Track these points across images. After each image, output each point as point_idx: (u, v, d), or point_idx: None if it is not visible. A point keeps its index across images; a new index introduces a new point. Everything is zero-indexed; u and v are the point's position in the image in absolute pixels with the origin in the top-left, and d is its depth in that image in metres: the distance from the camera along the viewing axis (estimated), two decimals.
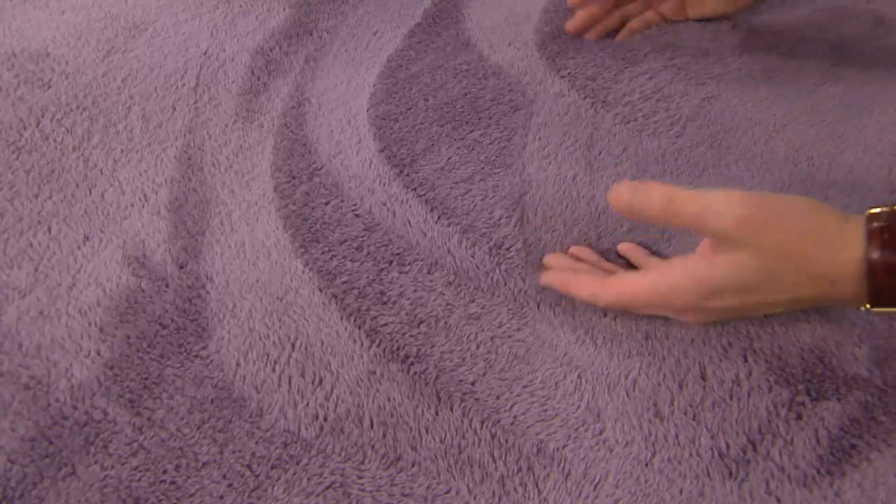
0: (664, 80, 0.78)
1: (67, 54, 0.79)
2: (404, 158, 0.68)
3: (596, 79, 0.80)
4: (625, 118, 0.74)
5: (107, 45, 0.81)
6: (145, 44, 0.81)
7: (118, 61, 0.78)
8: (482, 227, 0.62)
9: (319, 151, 0.69)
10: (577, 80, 0.78)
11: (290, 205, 0.64)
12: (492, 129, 0.72)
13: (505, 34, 0.84)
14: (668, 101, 0.76)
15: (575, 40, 0.83)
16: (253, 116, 0.74)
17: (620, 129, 0.72)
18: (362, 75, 0.79)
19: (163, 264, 0.59)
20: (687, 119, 0.74)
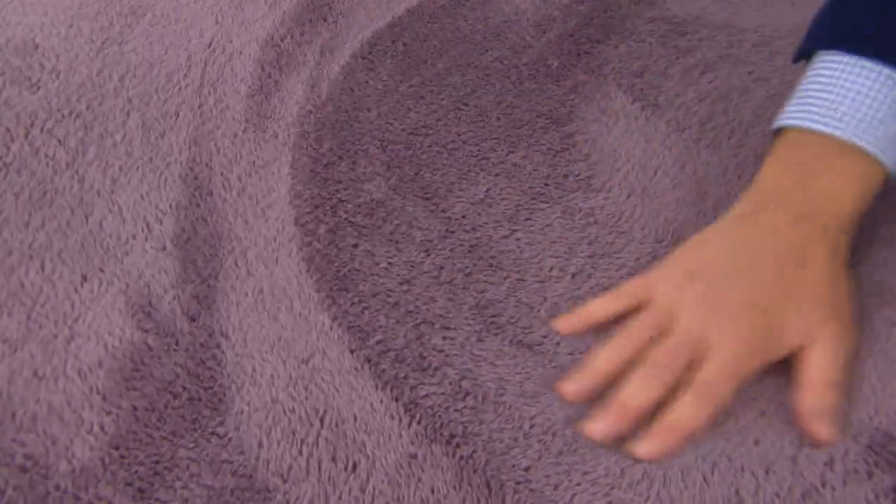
0: (720, 74, 0.71)
1: (58, 46, 0.70)
2: (438, 188, 0.62)
3: (643, 74, 0.72)
4: (679, 125, 0.67)
5: (101, 35, 0.72)
6: (143, 33, 0.73)
7: (114, 56, 0.70)
8: (533, 281, 0.57)
9: (341, 176, 0.63)
10: (622, 77, 0.71)
11: (313, 242, 0.57)
12: (533, 150, 0.65)
13: (535, 17, 0.76)
14: (727, 102, 0.69)
15: (615, 22, 0.75)
16: (265, 124, 0.66)
17: (675, 140, 0.66)
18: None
19: (171, 316, 0.53)
20: (748, 125, 0.67)
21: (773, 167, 0.55)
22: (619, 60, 0.73)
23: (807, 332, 0.49)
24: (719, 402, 0.47)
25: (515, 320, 0.54)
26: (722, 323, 0.49)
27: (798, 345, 0.49)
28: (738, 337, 0.48)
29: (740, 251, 0.52)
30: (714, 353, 0.48)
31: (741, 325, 0.49)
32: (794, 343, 0.49)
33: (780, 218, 0.52)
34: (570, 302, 0.56)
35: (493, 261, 0.58)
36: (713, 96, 0.70)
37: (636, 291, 0.53)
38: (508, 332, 0.54)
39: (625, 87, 0.71)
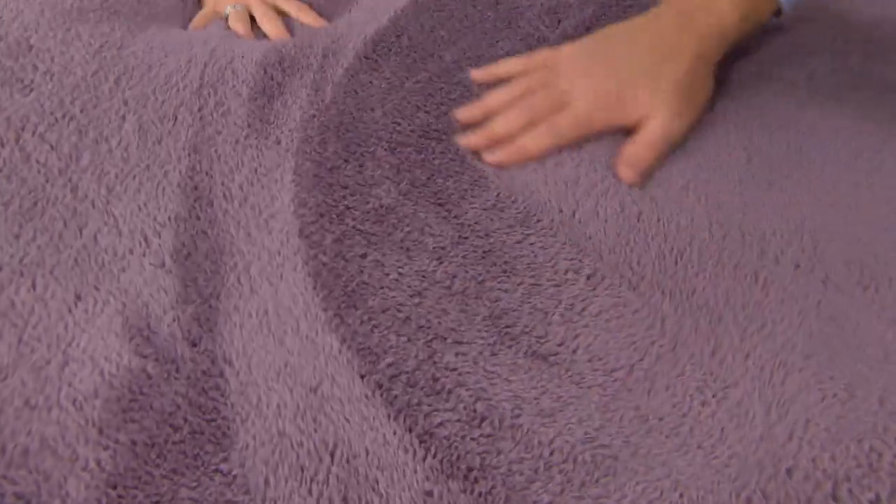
0: None
1: (54, 49, 0.60)
2: (451, 194, 0.52)
3: None
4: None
5: (100, 39, 0.61)
6: (145, 40, 0.62)
7: (112, 58, 0.59)
8: (548, 285, 0.47)
9: (348, 181, 0.53)
10: None
11: (319, 254, 0.48)
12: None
13: (549, 3, 0.65)
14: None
15: (634, 11, 0.65)
16: (268, 129, 0.56)
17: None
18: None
19: (172, 340, 0.44)
20: None
21: None
22: None
23: (651, 106, 0.55)
24: (561, 140, 0.55)
25: (530, 329, 0.45)
26: (585, 83, 0.56)
27: (643, 115, 0.55)
28: (592, 96, 0.56)
29: (624, 34, 0.58)
30: (571, 105, 0.55)
31: (598, 88, 0.56)
32: (639, 112, 0.55)
33: (667, 13, 0.58)
34: (585, 303, 0.47)
35: (507, 266, 0.48)
36: None
37: (545, 59, 0.59)
38: (523, 343, 0.44)
39: None
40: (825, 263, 0.48)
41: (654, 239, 0.50)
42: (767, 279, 0.47)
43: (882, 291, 0.46)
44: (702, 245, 0.50)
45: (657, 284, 0.48)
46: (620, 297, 0.47)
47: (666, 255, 0.49)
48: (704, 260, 0.49)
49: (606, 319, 0.46)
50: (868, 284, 0.47)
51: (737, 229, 0.50)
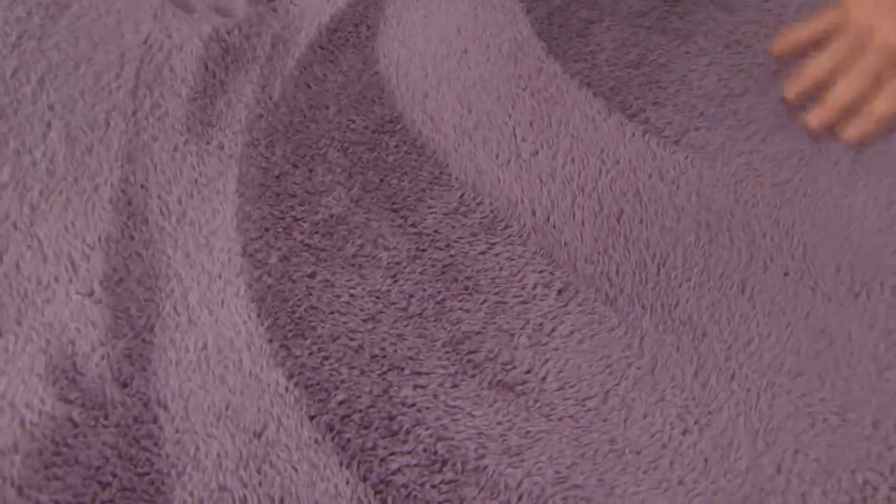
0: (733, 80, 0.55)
1: None
2: (407, 197, 0.47)
3: (640, 65, 0.57)
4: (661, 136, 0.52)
5: (17, 28, 0.55)
6: (68, 27, 0.56)
7: (32, 52, 0.53)
8: (515, 302, 0.43)
9: (296, 189, 0.47)
10: (618, 67, 0.55)
11: (264, 276, 0.43)
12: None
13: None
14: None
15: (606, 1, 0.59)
16: (210, 133, 0.51)
17: (658, 152, 0.51)
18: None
19: (100, 382, 0.39)
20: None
21: None
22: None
23: None
24: None
25: (495, 354, 0.41)
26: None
27: None
28: None
29: None
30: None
31: None
32: None
33: None
34: (555, 322, 0.42)
35: (470, 282, 0.44)
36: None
37: (836, 15, 0.53)
38: (487, 372, 0.40)
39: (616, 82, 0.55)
40: (815, 269, 0.43)
41: (636, 244, 0.46)
42: (755, 289, 0.43)
43: (874, 299, 0.42)
44: (687, 251, 0.45)
45: (637, 297, 0.43)
46: (595, 313, 0.42)
47: (647, 262, 0.45)
48: (689, 268, 0.44)
49: (579, 340, 0.41)
50: (859, 291, 0.42)
51: (725, 232, 0.46)
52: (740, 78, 0.55)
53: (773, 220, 0.46)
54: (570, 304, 0.43)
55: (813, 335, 0.41)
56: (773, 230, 0.46)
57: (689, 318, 0.42)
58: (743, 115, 0.52)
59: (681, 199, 0.47)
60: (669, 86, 0.54)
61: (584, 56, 0.55)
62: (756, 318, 0.42)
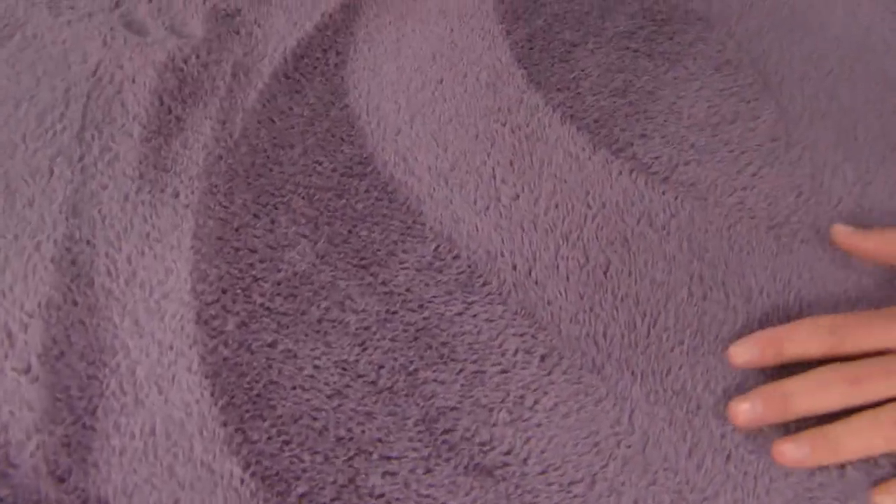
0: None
1: None
2: (377, 250, 0.42)
3: (626, 92, 0.52)
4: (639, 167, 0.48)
5: None
6: (8, 59, 0.50)
7: None
8: (494, 371, 0.38)
9: (257, 244, 0.43)
10: (602, 96, 0.50)
11: (220, 346, 0.39)
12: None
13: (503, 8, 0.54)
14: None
15: (591, 19, 0.54)
16: (164, 179, 0.46)
17: (644, 187, 0.47)
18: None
19: (33, 476, 0.35)
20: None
21: None
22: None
23: None
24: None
25: (472, 433, 0.37)
26: None
27: None
28: None
29: None
30: None
31: None
32: None
33: None
34: (538, 393, 0.38)
35: (445, 349, 0.39)
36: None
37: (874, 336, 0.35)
38: (464, 454, 0.36)
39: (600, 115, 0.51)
40: None
41: (624, 301, 0.41)
42: None
43: None
44: (679, 309, 0.41)
45: (626, 363, 0.39)
46: (581, 382, 0.38)
47: (637, 322, 0.41)
48: (681, 329, 0.40)
49: (564, 414, 0.37)
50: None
51: (720, 286, 0.42)
52: (731, 102, 0.51)
53: (769, 271, 0.42)
54: (554, 372, 0.38)
55: None
56: (770, 284, 0.42)
57: (683, 387, 0.38)
58: (735, 144, 0.48)
59: (672, 248, 0.43)
60: (657, 115, 0.50)
61: (567, 84, 0.51)
62: (752, 387, 0.38)
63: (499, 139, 0.47)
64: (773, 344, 0.36)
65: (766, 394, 0.35)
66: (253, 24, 0.54)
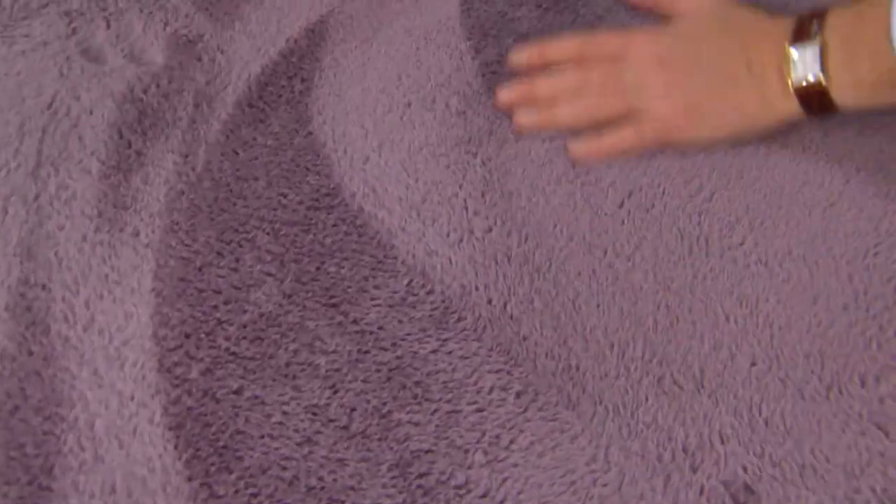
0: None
1: None
2: (348, 287, 0.41)
3: None
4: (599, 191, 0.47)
5: None
6: None
7: None
8: (469, 410, 0.38)
9: (221, 284, 0.41)
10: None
11: (183, 396, 0.37)
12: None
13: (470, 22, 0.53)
14: None
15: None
16: (124, 217, 0.44)
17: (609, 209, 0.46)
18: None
19: None
20: None
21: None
22: None
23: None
24: (623, 144, 0.46)
25: (447, 476, 0.36)
26: (664, 87, 0.45)
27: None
28: (671, 106, 0.45)
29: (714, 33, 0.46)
30: (643, 112, 0.45)
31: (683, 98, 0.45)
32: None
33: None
34: (513, 432, 0.37)
35: (419, 389, 0.38)
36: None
37: (612, 45, 0.47)
38: (439, 498, 0.35)
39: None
40: (784, 358, 0.39)
41: (594, 332, 0.41)
42: (719, 384, 0.39)
43: (847, 395, 0.38)
44: (647, 338, 0.41)
45: (600, 397, 0.39)
46: (557, 419, 0.38)
47: (607, 354, 0.40)
48: (649, 360, 0.40)
49: (539, 453, 0.37)
50: (831, 383, 0.38)
51: (687, 315, 0.41)
52: None
53: (735, 297, 0.42)
54: (530, 409, 0.38)
55: (781, 438, 0.37)
56: (736, 310, 0.42)
57: (654, 419, 0.38)
58: (689, 166, 0.48)
59: (637, 277, 0.43)
60: None
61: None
62: (720, 417, 0.38)
63: (470, 170, 0.46)
64: (536, 51, 0.48)
65: (521, 81, 0.48)
66: (216, 50, 0.52)
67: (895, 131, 0.49)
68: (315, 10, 0.54)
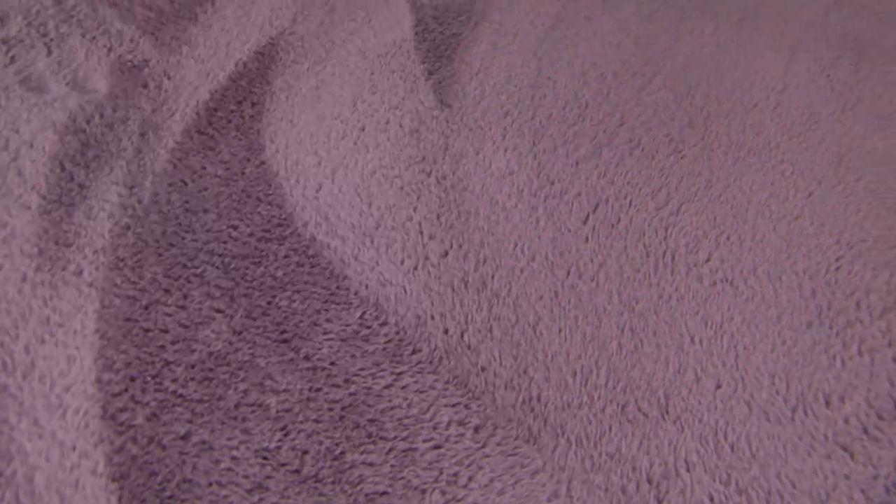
0: None
1: None
2: (300, 321, 0.40)
3: None
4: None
5: None
6: None
7: None
8: (425, 447, 0.37)
9: (168, 323, 0.40)
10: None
11: (128, 444, 0.36)
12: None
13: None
14: None
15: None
16: (66, 255, 0.43)
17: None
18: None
19: None
20: None
21: None
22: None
23: None
24: None
25: None
26: None
27: None
28: None
29: None
30: None
31: None
32: None
33: None
34: (472, 469, 0.36)
35: (374, 427, 0.37)
36: None
37: None
38: None
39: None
40: (749, 379, 0.39)
41: (555, 359, 0.40)
42: (686, 409, 0.38)
43: (811, 416, 0.37)
44: (611, 364, 0.40)
45: (562, 428, 0.38)
46: (517, 454, 0.37)
47: (569, 382, 0.39)
48: (612, 386, 0.39)
49: (499, 491, 0.36)
50: (796, 404, 0.38)
51: (651, 338, 0.41)
52: (653, 136, 0.50)
53: (699, 317, 0.42)
54: (489, 444, 0.37)
55: (747, 464, 0.36)
56: (702, 331, 0.41)
57: (618, 449, 0.37)
58: (656, 175, 0.48)
59: (601, 299, 0.42)
60: None
61: (492, 122, 0.49)
62: (685, 444, 0.37)
63: (425, 191, 0.46)
64: None
65: None
66: (162, 76, 0.51)
67: (852, 140, 0.48)
68: (265, 32, 0.52)
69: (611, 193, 0.47)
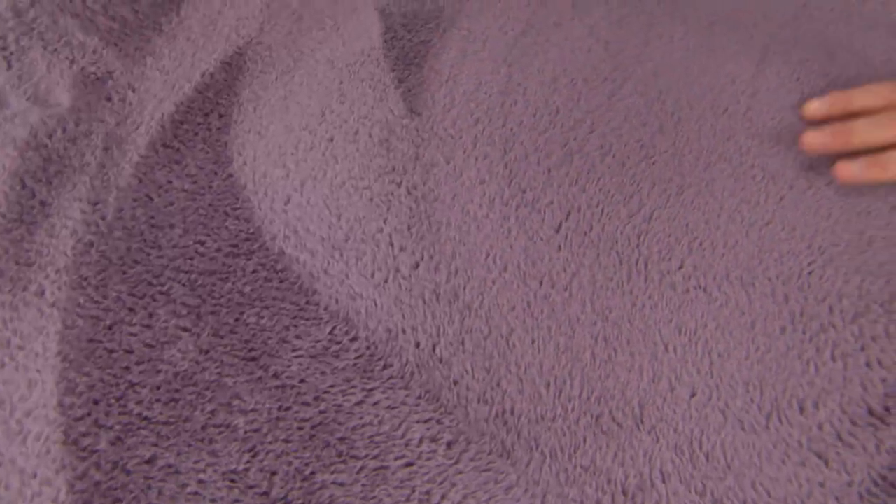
0: None
1: None
2: (268, 338, 0.39)
3: None
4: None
5: None
6: None
7: None
8: (398, 465, 0.36)
9: (133, 343, 0.39)
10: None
11: (91, 471, 0.35)
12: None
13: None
14: None
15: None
16: (28, 275, 0.42)
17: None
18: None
19: None
20: None
21: None
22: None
23: None
24: None
25: None
26: None
27: None
28: None
29: None
30: None
31: None
32: None
33: None
34: (444, 486, 0.36)
35: (344, 445, 0.37)
36: None
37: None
38: None
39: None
40: (723, 387, 0.39)
41: (528, 371, 0.40)
42: (659, 419, 0.38)
43: (785, 423, 0.37)
44: (585, 374, 0.40)
45: (536, 442, 0.38)
46: (490, 469, 0.37)
47: (543, 394, 0.39)
48: (586, 399, 0.39)
49: None
50: (770, 411, 0.38)
51: (625, 347, 0.41)
52: (624, 141, 0.50)
53: (673, 325, 0.41)
54: (462, 459, 0.37)
55: (722, 473, 0.36)
56: (675, 339, 0.41)
57: (592, 461, 0.37)
58: (628, 181, 0.48)
59: (574, 309, 0.42)
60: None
61: (462, 130, 0.49)
62: (660, 454, 0.37)
63: (395, 202, 0.45)
64: (841, 99, 0.44)
65: (834, 126, 0.43)
66: (126, 88, 0.50)
67: None
68: (232, 42, 0.52)
69: (583, 201, 0.46)
